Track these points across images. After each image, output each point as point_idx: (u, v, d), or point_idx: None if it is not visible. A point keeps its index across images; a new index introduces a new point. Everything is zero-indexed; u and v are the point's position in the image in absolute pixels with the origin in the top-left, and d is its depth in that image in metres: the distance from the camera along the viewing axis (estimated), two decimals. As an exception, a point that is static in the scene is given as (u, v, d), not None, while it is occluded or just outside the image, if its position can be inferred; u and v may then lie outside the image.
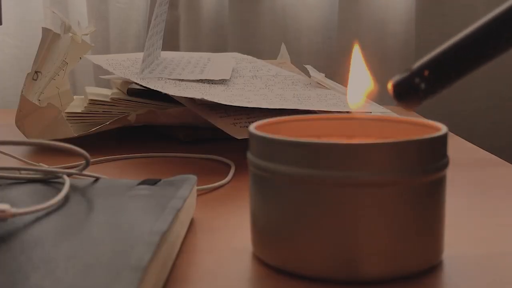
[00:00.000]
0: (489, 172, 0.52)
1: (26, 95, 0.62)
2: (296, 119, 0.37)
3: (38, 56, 0.65)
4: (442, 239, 0.32)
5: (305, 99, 0.63)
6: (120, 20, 1.05)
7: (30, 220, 0.32)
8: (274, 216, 0.31)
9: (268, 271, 0.32)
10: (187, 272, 0.32)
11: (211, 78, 0.67)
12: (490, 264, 0.32)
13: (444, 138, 0.32)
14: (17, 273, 0.25)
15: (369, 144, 0.29)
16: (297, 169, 0.30)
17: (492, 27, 0.27)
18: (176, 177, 0.40)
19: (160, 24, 0.69)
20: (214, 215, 0.41)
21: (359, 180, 0.29)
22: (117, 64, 0.68)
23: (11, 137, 0.39)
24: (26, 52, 1.03)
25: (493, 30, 0.27)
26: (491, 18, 0.27)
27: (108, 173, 0.51)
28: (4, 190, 0.38)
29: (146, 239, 0.28)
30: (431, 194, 0.31)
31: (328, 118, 0.37)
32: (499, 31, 0.27)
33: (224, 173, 0.51)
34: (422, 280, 0.30)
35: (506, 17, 0.27)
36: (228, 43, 1.07)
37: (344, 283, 0.30)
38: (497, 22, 0.27)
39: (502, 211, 0.42)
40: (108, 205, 0.35)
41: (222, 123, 0.57)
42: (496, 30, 0.27)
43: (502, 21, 0.27)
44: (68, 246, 0.28)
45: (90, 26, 0.69)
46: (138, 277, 0.24)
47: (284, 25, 1.07)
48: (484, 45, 0.28)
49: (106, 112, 0.63)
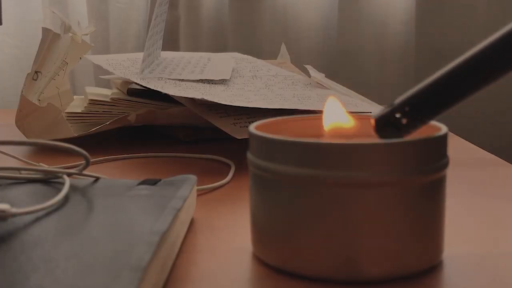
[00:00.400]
0: (489, 172, 0.52)
1: (26, 95, 0.62)
2: (296, 119, 0.37)
3: (38, 56, 0.65)
4: (442, 239, 0.32)
5: (305, 99, 0.63)
6: (120, 20, 1.05)
7: (30, 220, 0.32)
8: (274, 216, 0.31)
9: (268, 271, 0.32)
10: (187, 272, 0.32)
11: (211, 78, 0.67)
12: (490, 264, 0.32)
13: (444, 138, 0.32)
14: (17, 273, 0.25)
15: (369, 144, 0.29)
16: (297, 169, 0.30)
17: (471, 65, 0.28)
18: (176, 177, 0.40)
19: (160, 24, 0.69)
20: (214, 215, 0.41)
21: (359, 180, 0.29)
22: (117, 64, 0.68)
23: (11, 137, 0.39)
24: (26, 52, 1.03)
25: (471, 68, 0.28)
26: (470, 55, 0.28)
27: (108, 173, 0.51)
28: (4, 190, 0.38)
29: (146, 239, 0.28)
30: (431, 194, 0.31)
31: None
32: (478, 70, 0.28)
33: (224, 173, 0.51)
34: (422, 280, 0.30)
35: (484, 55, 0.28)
36: (228, 43, 1.07)
37: (344, 283, 0.30)
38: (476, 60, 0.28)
39: (502, 211, 0.42)
40: (108, 205, 0.35)
41: (222, 123, 0.57)
42: (475, 68, 0.28)
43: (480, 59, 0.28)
44: (68, 246, 0.28)
45: (90, 26, 0.69)
46: (138, 277, 0.24)
47: (284, 25, 1.07)
48: (462, 84, 0.29)
49: (106, 112, 0.63)
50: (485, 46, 0.28)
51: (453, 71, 0.29)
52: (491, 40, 0.28)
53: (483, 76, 0.28)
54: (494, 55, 0.27)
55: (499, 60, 0.27)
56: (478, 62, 0.28)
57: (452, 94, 0.29)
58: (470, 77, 0.28)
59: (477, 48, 0.28)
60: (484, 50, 0.28)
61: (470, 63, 0.28)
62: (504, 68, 0.27)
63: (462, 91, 0.29)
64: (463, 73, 0.28)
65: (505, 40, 0.27)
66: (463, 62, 0.28)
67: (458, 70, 0.28)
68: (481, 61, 0.28)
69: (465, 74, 0.28)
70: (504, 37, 0.27)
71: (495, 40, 0.27)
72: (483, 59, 0.28)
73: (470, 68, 0.28)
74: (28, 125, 0.62)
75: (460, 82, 0.29)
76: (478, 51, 0.28)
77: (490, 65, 0.28)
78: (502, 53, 0.27)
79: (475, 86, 0.28)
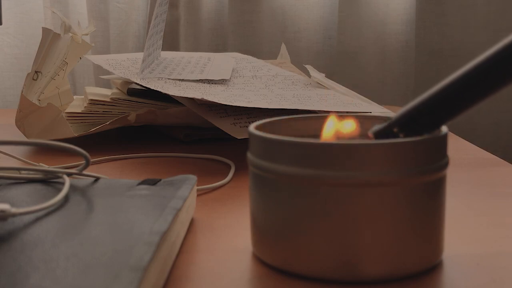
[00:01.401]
0: (489, 172, 0.52)
1: (26, 95, 0.62)
2: (296, 119, 0.37)
3: (38, 56, 0.65)
4: (442, 239, 0.32)
5: (305, 99, 0.63)
6: (120, 20, 1.05)
7: (30, 220, 0.32)
8: (274, 216, 0.31)
9: (268, 271, 0.32)
10: (187, 272, 0.32)
11: (211, 78, 0.67)
12: (490, 264, 0.32)
13: (444, 138, 0.32)
14: (17, 273, 0.25)
15: (369, 144, 0.29)
16: (297, 169, 0.30)
17: (467, 79, 0.28)
18: (176, 177, 0.40)
19: (160, 24, 0.69)
20: (214, 215, 0.41)
21: (359, 180, 0.29)
22: (117, 64, 0.68)
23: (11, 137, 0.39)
24: (26, 52, 1.03)
25: (468, 83, 0.28)
26: (468, 69, 0.28)
27: (108, 173, 0.51)
28: (4, 190, 0.38)
29: (146, 239, 0.28)
30: (431, 194, 0.31)
31: (328, 118, 0.37)
32: (475, 84, 0.28)
33: (224, 173, 0.51)
34: (422, 280, 0.30)
35: (480, 69, 0.28)
36: (228, 43, 1.07)
37: (344, 283, 0.30)
38: (473, 74, 0.28)
39: (502, 211, 0.42)
40: (108, 205, 0.35)
41: (222, 123, 0.57)
42: (471, 83, 0.28)
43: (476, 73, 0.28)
44: (68, 246, 0.28)
45: (90, 26, 0.69)
46: (138, 277, 0.24)
47: (284, 25, 1.07)
48: (459, 98, 0.29)
49: (106, 112, 0.63)
50: (482, 60, 0.28)
51: (451, 85, 0.29)
52: (490, 53, 0.28)
53: (480, 91, 0.28)
54: (492, 68, 0.28)
55: (498, 74, 0.28)
56: (475, 76, 0.28)
57: (448, 108, 0.29)
58: (468, 91, 0.29)
59: (475, 62, 0.28)
60: (482, 64, 0.28)
61: (468, 78, 0.28)
62: (504, 81, 0.28)
63: (458, 105, 0.29)
64: (459, 87, 0.29)
65: (505, 53, 0.27)
66: (460, 76, 0.29)
67: (455, 84, 0.29)
68: (477, 75, 0.28)
69: (461, 89, 0.29)
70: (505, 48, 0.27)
71: (494, 53, 0.28)
72: (479, 74, 0.28)
73: (467, 83, 0.28)
74: (28, 125, 0.62)
75: (456, 96, 0.29)
76: (476, 65, 0.28)
77: (486, 80, 0.28)
78: (502, 66, 0.27)
79: (473, 100, 0.29)
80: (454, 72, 0.29)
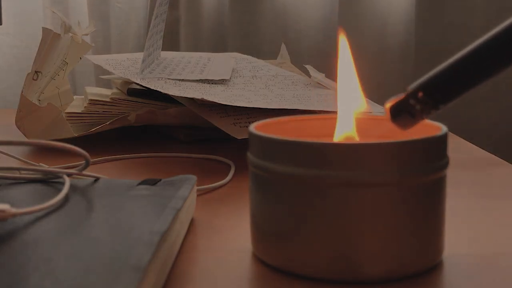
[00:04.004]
0: (489, 172, 0.52)
1: (26, 95, 0.62)
2: (296, 119, 0.37)
3: (38, 56, 0.65)
4: (442, 239, 0.32)
5: (305, 99, 0.63)
6: (120, 20, 1.05)
7: (30, 220, 0.32)
8: (274, 216, 0.31)
9: (268, 271, 0.32)
10: (187, 272, 0.32)
11: (211, 78, 0.67)
12: (490, 264, 0.32)
13: (444, 138, 0.32)
14: (17, 273, 0.25)
15: (369, 144, 0.29)
16: (297, 169, 0.30)
17: (487, 48, 0.28)
18: (176, 177, 0.40)
19: (160, 24, 0.69)
20: (214, 215, 0.41)
21: (359, 180, 0.29)
22: (117, 64, 0.68)
23: (11, 137, 0.39)
24: (26, 52, 1.03)
25: (488, 51, 0.28)
26: (487, 38, 0.28)
27: (108, 173, 0.51)
28: (4, 190, 0.37)
29: (146, 239, 0.28)
30: (431, 194, 0.31)
31: (328, 118, 0.37)
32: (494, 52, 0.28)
33: (224, 173, 0.51)
34: (422, 280, 0.30)
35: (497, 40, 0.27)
36: (228, 43, 1.07)
37: (344, 283, 0.30)
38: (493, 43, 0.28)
39: (502, 211, 0.42)
40: (108, 205, 0.35)
41: (222, 123, 0.57)
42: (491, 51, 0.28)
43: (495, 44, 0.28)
44: (68, 246, 0.28)
45: (90, 26, 0.69)
46: (138, 277, 0.24)
47: (284, 25, 1.07)
48: (478, 67, 0.28)
49: (106, 112, 0.63)
50: (498, 32, 0.27)
51: (467, 56, 0.28)
52: (504, 26, 0.27)
53: (496, 61, 0.28)
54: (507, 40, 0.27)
55: None
56: (492, 47, 0.27)
57: (465, 79, 0.29)
58: (483, 62, 0.28)
59: (490, 34, 0.28)
60: (497, 36, 0.27)
61: (484, 48, 0.28)
62: None
63: (475, 76, 0.28)
64: (476, 58, 0.28)
65: None
66: (477, 47, 0.28)
67: (471, 55, 0.28)
68: (495, 46, 0.27)
69: (478, 59, 0.28)
70: None
71: (508, 26, 0.27)
72: (497, 44, 0.27)
73: (483, 53, 0.28)
74: (28, 125, 0.62)
75: (473, 67, 0.28)
76: (491, 37, 0.27)
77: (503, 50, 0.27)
78: None
79: (489, 71, 0.28)
80: None
